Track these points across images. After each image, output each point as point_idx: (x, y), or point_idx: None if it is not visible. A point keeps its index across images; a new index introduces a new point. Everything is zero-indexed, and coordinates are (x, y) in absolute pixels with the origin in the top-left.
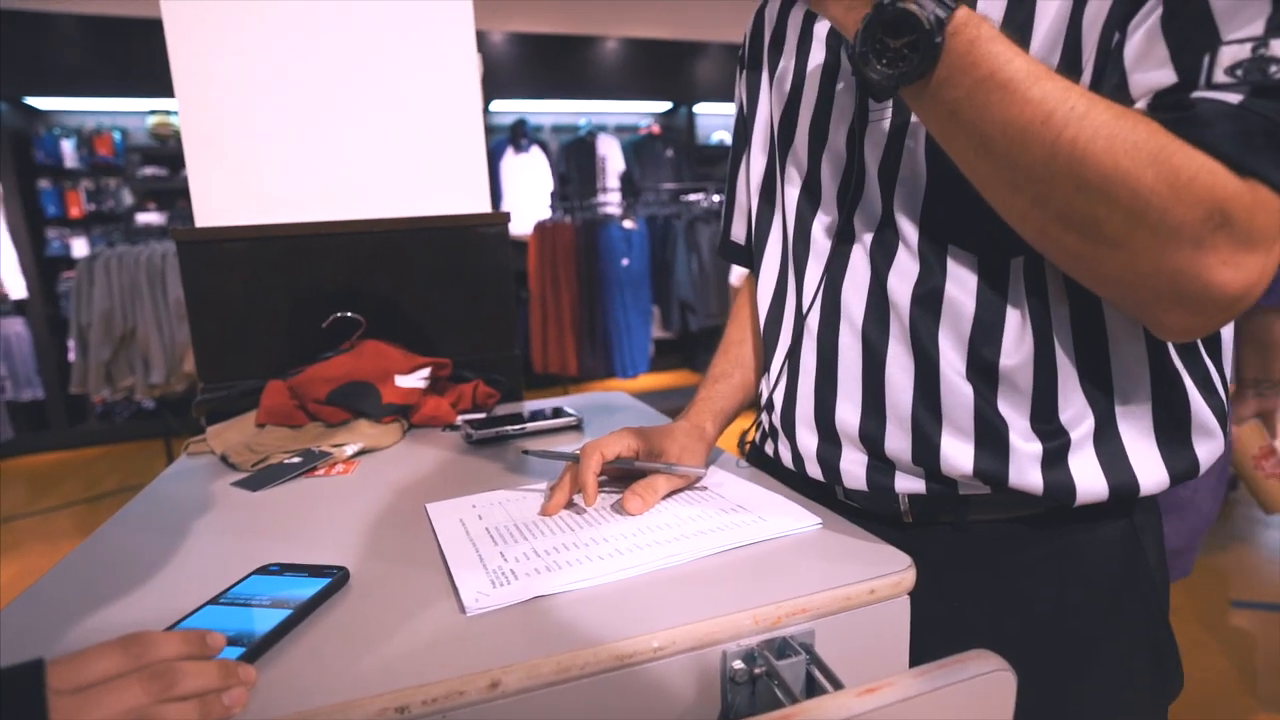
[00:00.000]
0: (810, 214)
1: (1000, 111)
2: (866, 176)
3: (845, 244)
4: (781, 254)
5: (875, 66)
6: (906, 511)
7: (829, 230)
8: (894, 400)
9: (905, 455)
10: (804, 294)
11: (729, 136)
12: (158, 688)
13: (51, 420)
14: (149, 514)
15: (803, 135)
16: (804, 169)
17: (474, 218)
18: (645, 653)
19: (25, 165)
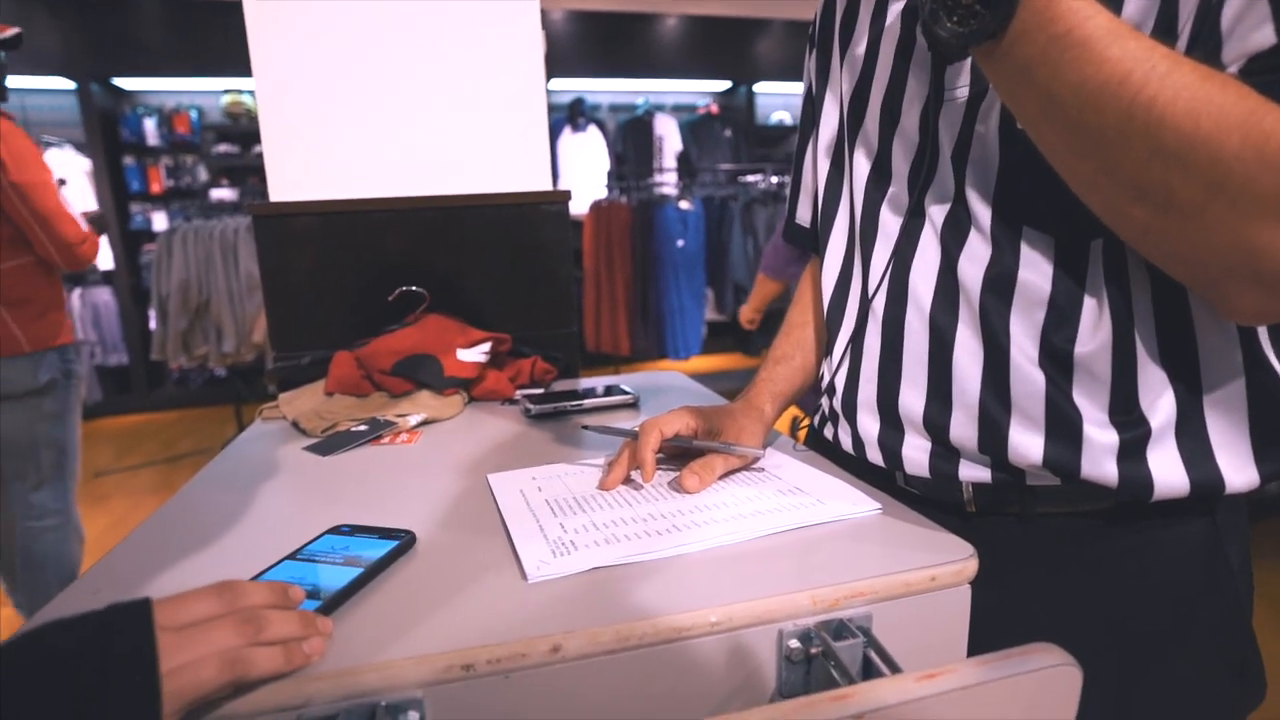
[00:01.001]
0: (879, 195)
1: (1075, 71)
2: (940, 156)
3: (915, 226)
4: (848, 237)
5: (945, 24)
6: (970, 500)
7: (898, 212)
8: (961, 386)
9: (971, 443)
10: (870, 277)
11: (789, 117)
12: (249, 631)
13: (134, 384)
14: (230, 473)
15: (874, 114)
16: (874, 149)
17: (536, 195)
18: (702, 626)
19: (112, 143)
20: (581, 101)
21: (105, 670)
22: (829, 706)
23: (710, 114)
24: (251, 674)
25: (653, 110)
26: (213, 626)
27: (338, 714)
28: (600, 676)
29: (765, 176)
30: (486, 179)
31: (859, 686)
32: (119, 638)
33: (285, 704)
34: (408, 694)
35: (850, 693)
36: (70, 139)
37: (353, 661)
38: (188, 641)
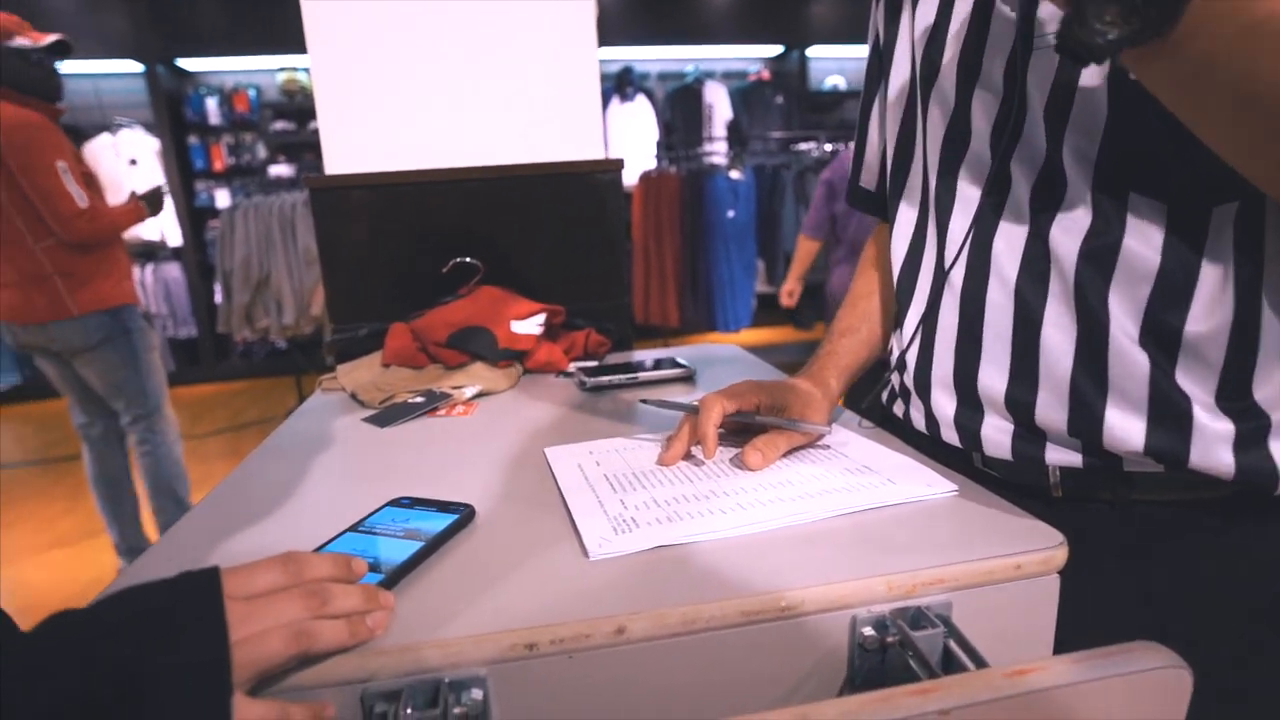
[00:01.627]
0: (956, 158)
1: (1275, 60)
2: (1028, 113)
3: (998, 192)
4: (920, 202)
5: (1095, 25)
6: (1056, 485)
7: (978, 176)
8: (1050, 365)
9: (1060, 425)
10: (947, 247)
11: (844, 82)
12: (314, 604)
13: (202, 356)
14: (292, 444)
15: (950, 68)
16: (950, 105)
17: (588, 164)
18: (772, 611)
19: (177, 123)
20: (630, 71)
21: (177, 637)
22: (910, 701)
23: (761, 80)
24: (316, 647)
25: (702, 78)
26: (279, 598)
27: (402, 689)
28: (665, 659)
29: (819, 144)
30: (540, 149)
31: (942, 681)
32: (190, 605)
33: (350, 678)
34: (471, 671)
35: (932, 687)
36: (140, 120)
37: (416, 637)
38: (256, 612)
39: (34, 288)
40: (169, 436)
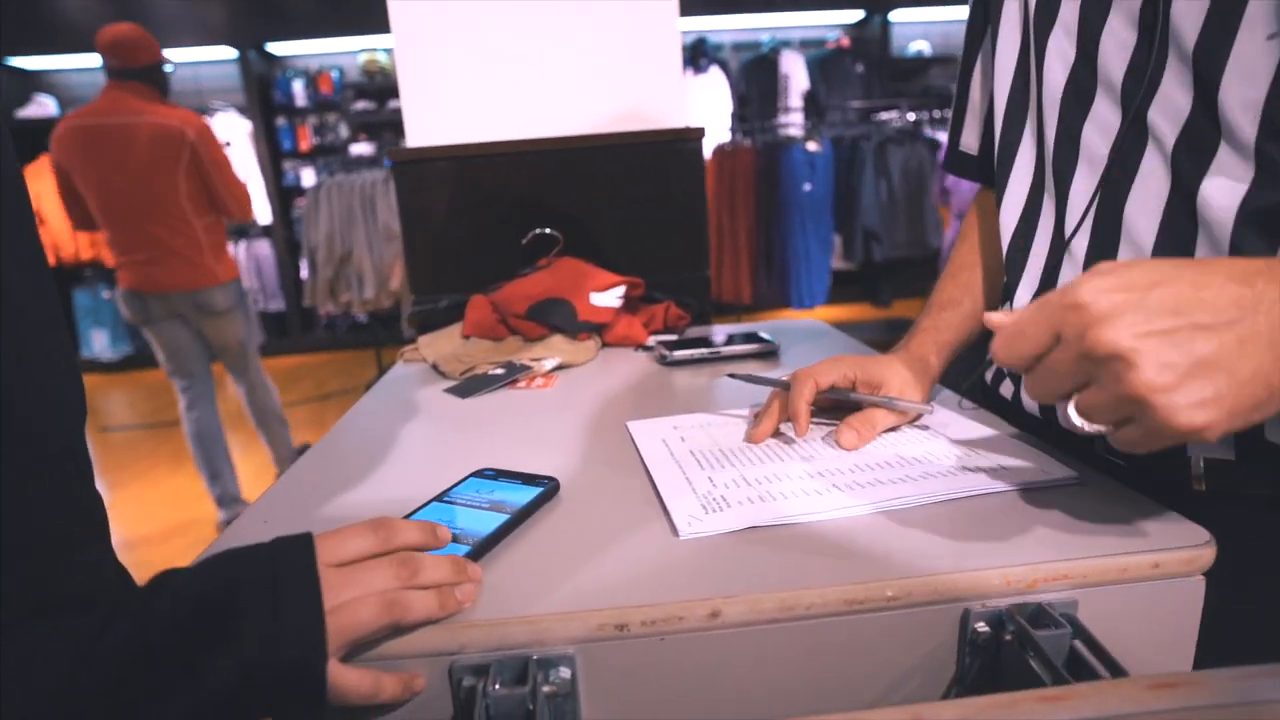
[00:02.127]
0: (1080, 110)
1: None
2: (1171, 53)
3: (1133, 146)
4: (1035, 163)
5: None
6: (1199, 478)
7: (1107, 129)
8: None
9: None
10: (1068, 212)
11: (928, 46)
12: (405, 573)
13: (290, 329)
14: (376, 413)
15: (1072, 7)
16: (1072, 52)
17: (669, 133)
18: (877, 600)
19: (266, 105)
20: (703, 42)
21: (275, 603)
22: (1038, 708)
23: (840, 48)
24: (408, 618)
25: (778, 47)
26: (371, 566)
27: (490, 664)
28: (760, 646)
29: (900, 113)
30: (621, 119)
31: (1075, 688)
32: (286, 571)
33: (440, 649)
34: (560, 650)
35: (1063, 694)
36: (233, 103)
37: (505, 612)
38: (349, 580)
39: (188, 261)
40: (267, 380)
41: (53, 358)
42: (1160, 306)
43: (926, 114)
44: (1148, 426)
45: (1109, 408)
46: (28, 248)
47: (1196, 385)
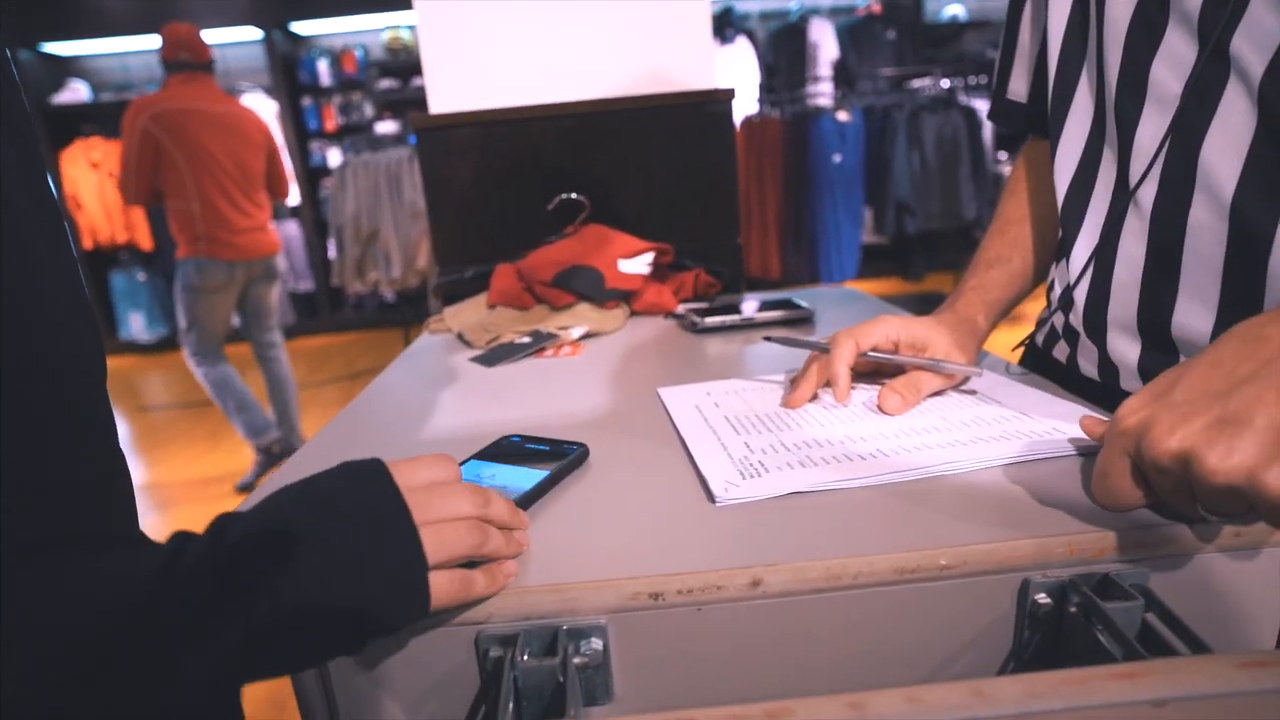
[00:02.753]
0: (1150, 43)
1: None
2: None
3: (1212, 81)
4: (1095, 107)
5: None
6: None
7: (1181, 64)
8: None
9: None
10: (1133, 158)
11: (963, 10)
12: (480, 500)
13: (319, 309)
14: (401, 383)
15: None
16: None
17: (697, 95)
18: (930, 569)
19: (292, 85)
20: (730, 11)
21: (371, 519)
22: (1114, 686)
23: (872, 15)
24: (486, 548)
25: (807, 15)
26: (449, 492)
27: (518, 634)
28: (804, 616)
29: (934, 81)
30: (648, 80)
31: (1153, 664)
32: (368, 489)
33: (465, 618)
34: (591, 620)
35: (1141, 670)
36: (260, 84)
37: (532, 580)
38: (432, 500)
39: (266, 231)
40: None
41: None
42: (1187, 398)
43: (962, 81)
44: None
45: (1221, 500)
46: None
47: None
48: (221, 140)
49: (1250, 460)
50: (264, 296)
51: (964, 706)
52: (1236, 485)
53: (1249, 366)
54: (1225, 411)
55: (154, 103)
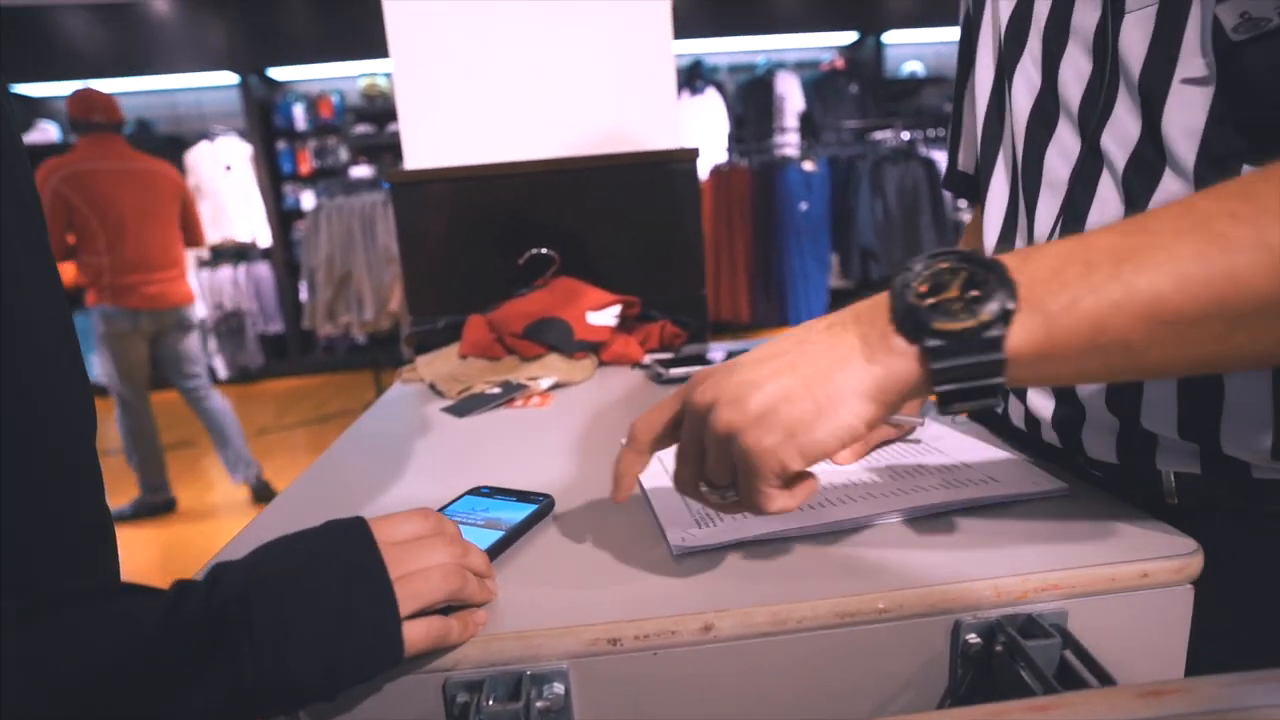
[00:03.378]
0: (1044, 135)
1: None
2: (1121, 82)
3: (1090, 171)
4: (1010, 186)
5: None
6: (1171, 491)
7: (1068, 155)
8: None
9: (1170, 429)
10: (1036, 233)
11: (921, 67)
12: (458, 550)
13: (289, 350)
14: (374, 433)
15: (1037, 36)
16: (1037, 79)
17: (662, 154)
18: (869, 613)
19: (267, 129)
20: (700, 64)
21: (346, 577)
22: (1026, 718)
23: (835, 69)
24: (463, 593)
25: (774, 69)
26: (428, 542)
27: (484, 680)
28: (754, 660)
29: (895, 133)
30: (617, 140)
31: (1063, 697)
32: (348, 547)
33: (434, 665)
34: (553, 665)
35: (1051, 703)
36: (235, 127)
37: (498, 628)
38: (409, 554)
39: (176, 283)
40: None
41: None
42: (740, 363)
43: (921, 133)
44: (738, 461)
45: (717, 461)
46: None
47: (753, 405)
48: (133, 196)
49: (742, 418)
50: (176, 346)
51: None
52: (724, 437)
53: (787, 345)
54: (754, 375)
55: (65, 164)
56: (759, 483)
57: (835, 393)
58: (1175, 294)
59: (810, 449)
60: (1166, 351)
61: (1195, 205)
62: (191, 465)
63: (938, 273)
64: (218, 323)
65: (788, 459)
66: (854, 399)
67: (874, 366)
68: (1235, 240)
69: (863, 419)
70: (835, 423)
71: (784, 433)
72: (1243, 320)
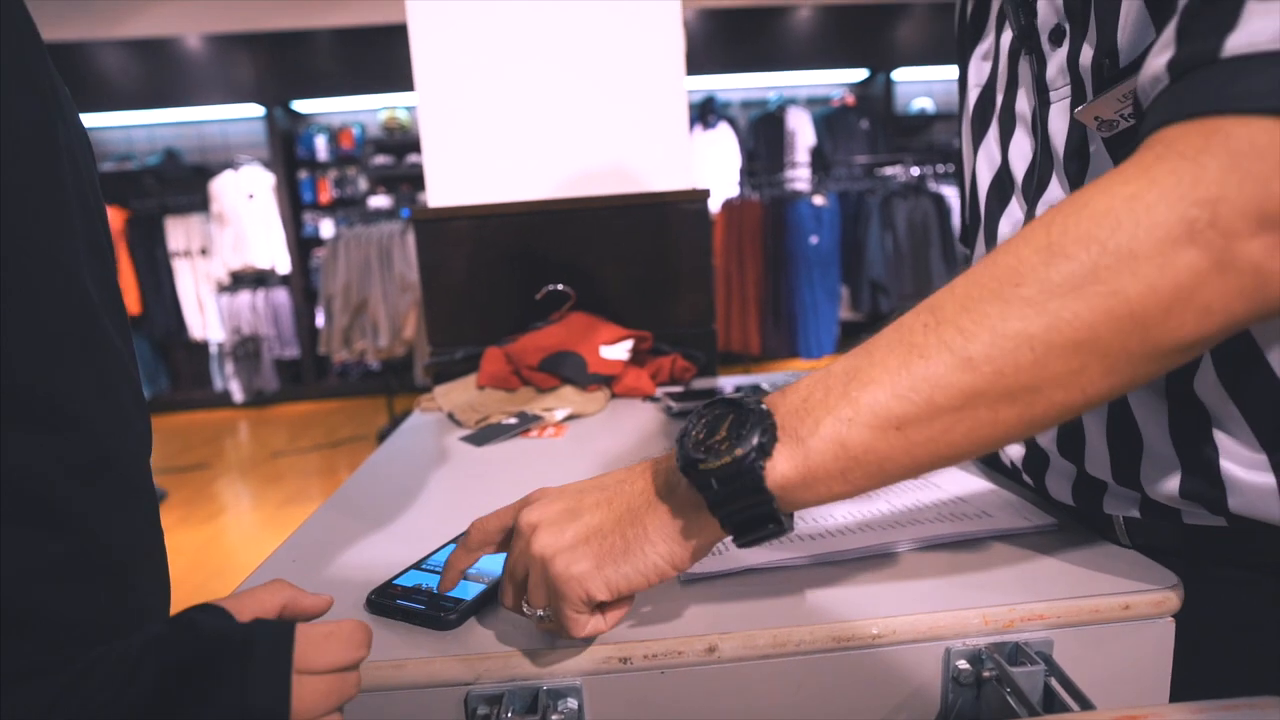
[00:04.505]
0: (999, 208)
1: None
2: (1053, 163)
3: None
4: (986, 249)
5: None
6: (1122, 534)
7: (1016, 224)
8: (1089, 413)
9: (1108, 474)
10: None
11: (931, 104)
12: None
13: (304, 376)
14: (397, 458)
15: (995, 119)
16: (999, 157)
17: (675, 195)
18: (863, 638)
19: (290, 159)
20: (713, 100)
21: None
22: None
23: (846, 105)
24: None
25: (785, 104)
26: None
27: (504, 694)
28: (755, 679)
29: (905, 168)
30: (631, 179)
31: None
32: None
33: (457, 679)
34: (568, 681)
35: None
36: (259, 158)
37: (518, 646)
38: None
39: None
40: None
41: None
42: (570, 490)
43: (930, 168)
44: (552, 588)
45: (537, 583)
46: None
47: (569, 533)
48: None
49: (556, 544)
50: None
51: None
52: (539, 560)
53: (612, 480)
54: (576, 504)
55: None
56: (566, 607)
57: (642, 533)
58: (892, 401)
59: (615, 582)
60: (912, 455)
61: (903, 321)
62: (206, 486)
63: (712, 419)
64: (235, 347)
65: (593, 589)
66: (659, 541)
67: (673, 511)
68: (925, 347)
69: (668, 560)
70: (641, 561)
71: (592, 563)
72: (961, 413)
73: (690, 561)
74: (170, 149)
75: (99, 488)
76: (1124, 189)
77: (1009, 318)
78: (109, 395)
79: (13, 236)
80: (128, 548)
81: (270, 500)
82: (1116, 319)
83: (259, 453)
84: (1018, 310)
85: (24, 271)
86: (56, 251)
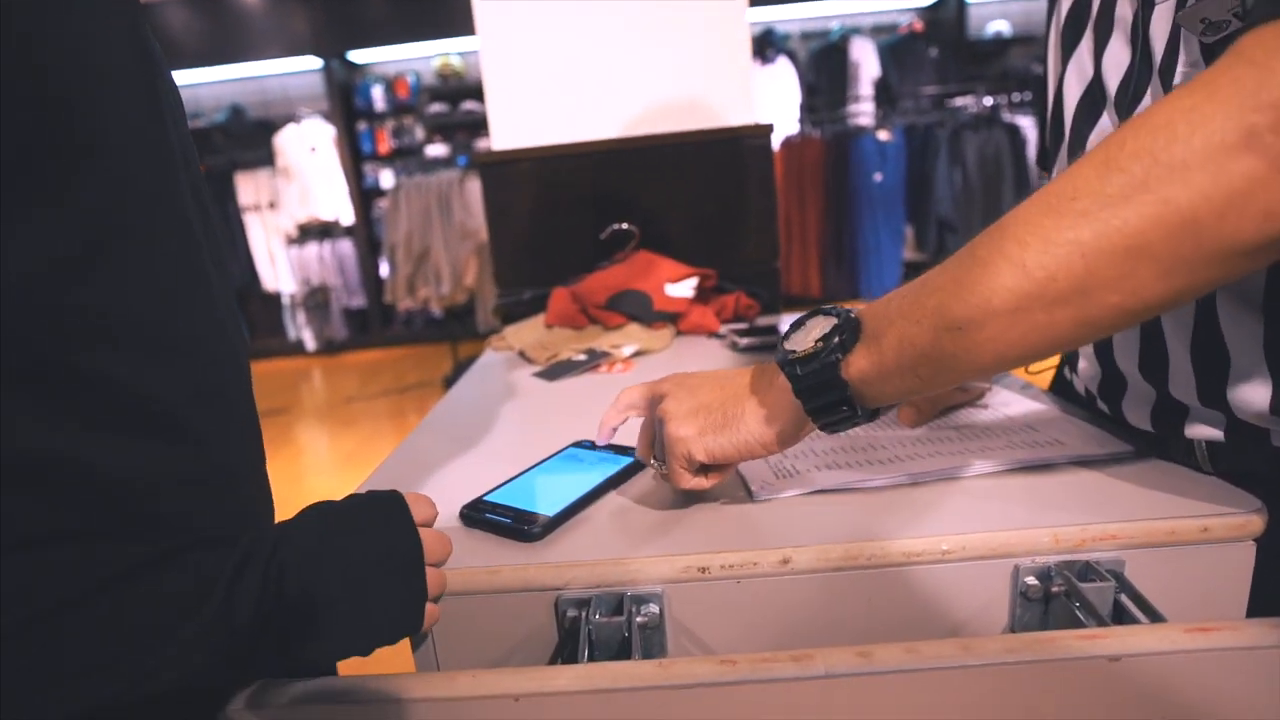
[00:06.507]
0: (1089, 125)
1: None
2: (1152, 72)
3: None
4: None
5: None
6: (1205, 461)
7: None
8: (1171, 332)
9: (1193, 396)
10: None
11: (1008, 26)
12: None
13: (370, 324)
14: (474, 394)
15: (1090, 28)
16: (1090, 69)
17: (738, 130)
18: (933, 553)
19: (348, 111)
20: (771, 32)
21: (389, 568)
22: (1077, 645)
23: (914, 32)
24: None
25: (848, 34)
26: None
27: (591, 598)
28: (826, 591)
29: (977, 98)
30: (694, 115)
31: (1114, 629)
32: (392, 533)
33: (548, 584)
34: (650, 588)
35: (1103, 634)
36: (319, 110)
37: (605, 555)
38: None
39: None
40: None
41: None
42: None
43: (1005, 98)
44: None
45: (659, 440)
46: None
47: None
48: None
49: (675, 411)
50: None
51: (953, 657)
52: (660, 422)
53: (729, 373)
54: (696, 383)
55: None
56: (674, 462)
57: (740, 412)
58: (953, 303)
59: (713, 449)
60: (974, 354)
61: (974, 240)
62: (285, 430)
63: (811, 324)
64: (305, 298)
65: (694, 450)
66: (752, 421)
67: (767, 397)
68: (986, 259)
69: (757, 439)
70: (735, 435)
71: (696, 430)
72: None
73: (776, 444)
74: (235, 105)
75: (214, 408)
76: (1185, 100)
77: (1062, 228)
78: (218, 328)
79: (132, 182)
80: (238, 462)
81: (345, 443)
82: (1166, 225)
83: (334, 398)
84: (1070, 221)
85: (145, 216)
86: (169, 197)
